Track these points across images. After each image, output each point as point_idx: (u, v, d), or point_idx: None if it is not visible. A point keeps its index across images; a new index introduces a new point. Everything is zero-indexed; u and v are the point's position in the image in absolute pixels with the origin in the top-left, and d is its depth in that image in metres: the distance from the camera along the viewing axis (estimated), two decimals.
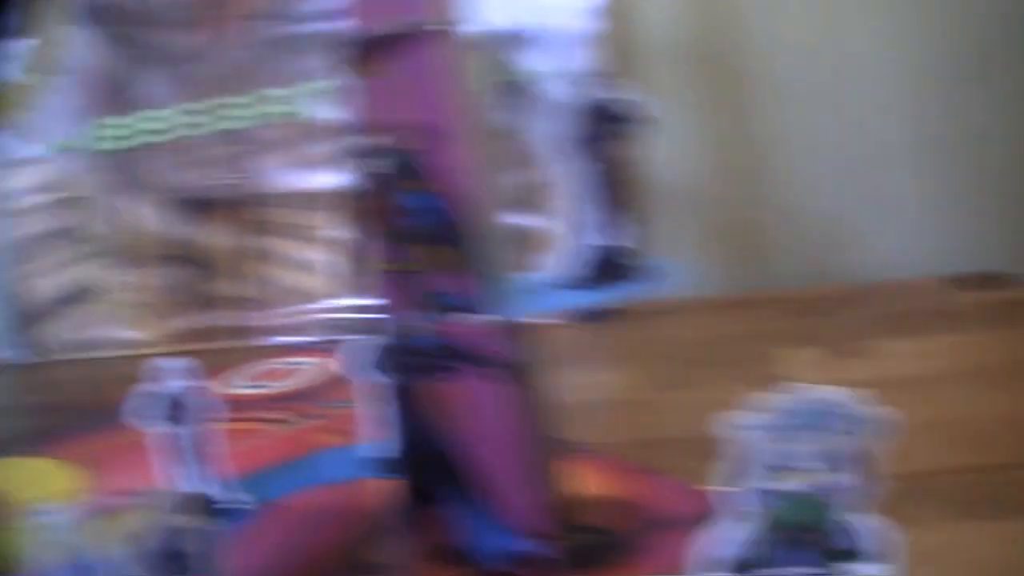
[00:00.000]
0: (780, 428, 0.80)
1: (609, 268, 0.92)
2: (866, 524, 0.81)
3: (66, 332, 1.86)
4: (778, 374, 0.95)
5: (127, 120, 1.86)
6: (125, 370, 1.62)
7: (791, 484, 0.82)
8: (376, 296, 0.92)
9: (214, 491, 1.03)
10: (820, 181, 1.71)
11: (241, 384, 1.59)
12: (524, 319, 0.91)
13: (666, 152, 1.58)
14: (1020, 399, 1.11)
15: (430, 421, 0.92)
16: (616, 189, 0.92)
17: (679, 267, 0.91)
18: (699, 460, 1.14)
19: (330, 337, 1.75)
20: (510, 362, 0.87)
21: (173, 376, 1.06)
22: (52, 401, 1.65)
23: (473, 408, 0.91)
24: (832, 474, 0.81)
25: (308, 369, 1.62)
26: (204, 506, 0.77)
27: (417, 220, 0.88)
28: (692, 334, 1.54)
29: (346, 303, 1.77)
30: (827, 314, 1.54)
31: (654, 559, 0.92)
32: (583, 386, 1.41)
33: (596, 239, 0.92)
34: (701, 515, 0.99)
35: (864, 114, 1.70)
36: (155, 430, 1.06)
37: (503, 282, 0.88)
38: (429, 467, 0.96)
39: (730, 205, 1.75)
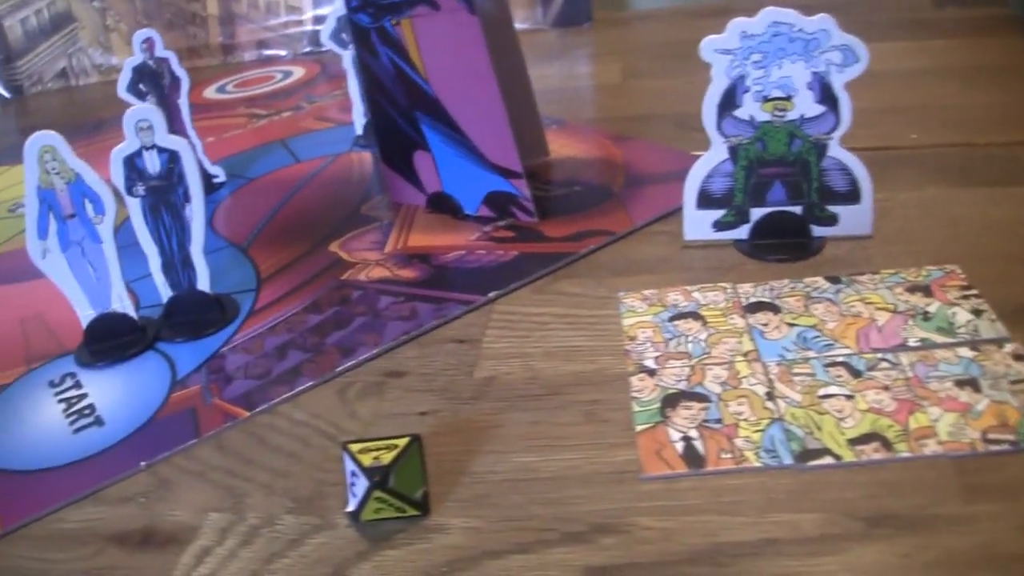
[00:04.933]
0: (754, 52, 0.81)
1: None
2: (839, 161, 0.84)
3: (47, 63, 1.84)
4: None
5: None
6: (108, 92, 1.63)
7: (766, 114, 0.83)
8: None
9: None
10: None
11: (225, 91, 1.59)
12: None
13: None
14: (994, 93, 1.14)
15: (401, 67, 0.93)
16: None
17: None
18: (680, 130, 1.18)
19: (313, 48, 1.74)
20: None
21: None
22: (37, 124, 1.65)
23: (442, 39, 0.91)
24: (807, 105, 0.83)
25: (291, 74, 1.62)
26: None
27: None
28: (671, 36, 1.54)
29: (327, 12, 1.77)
30: None
31: (636, 206, 0.93)
32: (565, 76, 1.42)
33: None
34: (682, 170, 1.03)
35: None
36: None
37: None
38: (401, 120, 0.97)
39: None
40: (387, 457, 0.59)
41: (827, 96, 0.80)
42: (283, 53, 1.73)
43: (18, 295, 0.98)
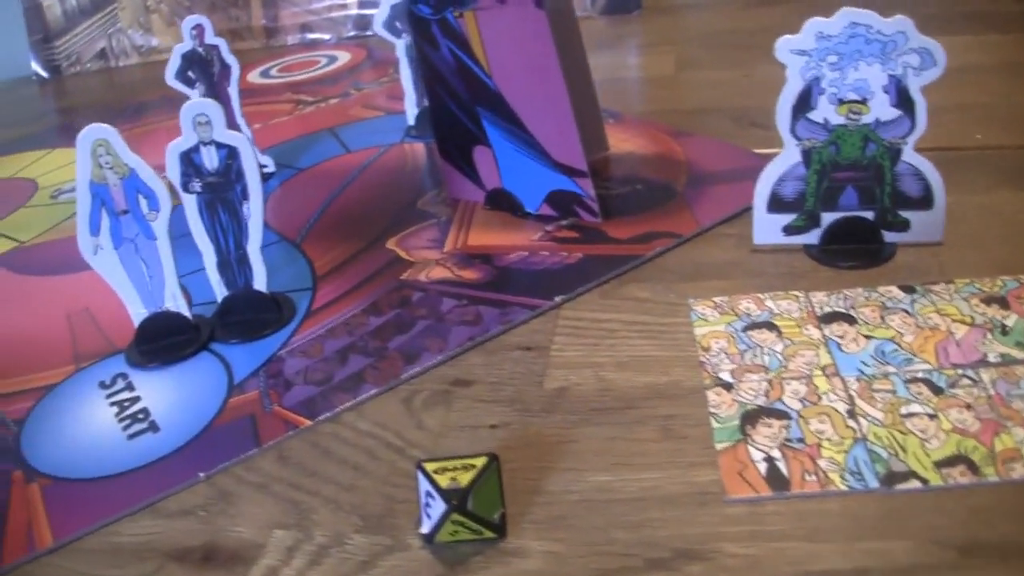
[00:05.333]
0: (830, 54, 0.78)
1: None
2: (912, 166, 0.81)
3: (86, 43, 1.83)
4: None
5: None
6: (147, 75, 1.62)
7: (841, 118, 0.81)
8: None
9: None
10: None
11: (269, 75, 1.57)
12: None
13: None
14: None
15: (463, 60, 0.90)
16: None
17: None
18: (739, 126, 1.15)
19: (358, 32, 1.72)
20: None
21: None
22: (75, 105, 1.64)
23: (507, 33, 0.89)
24: (882, 108, 0.80)
25: (336, 60, 1.60)
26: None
27: None
28: (724, 25, 1.52)
29: None
30: None
31: (701, 206, 0.91)
32: (617, 66, 1.40)
33: None
34: (745, 168, 1.00)
35: None
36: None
37: None
38: (462, 114, 0.94)
39: None
40: (464, 478, 0.57)
41: (903, 100, 0.77)
42: (327, 37, 1.71)
43: (63, 287, 0.97)
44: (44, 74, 1.79)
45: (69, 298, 0.94)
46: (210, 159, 0.77)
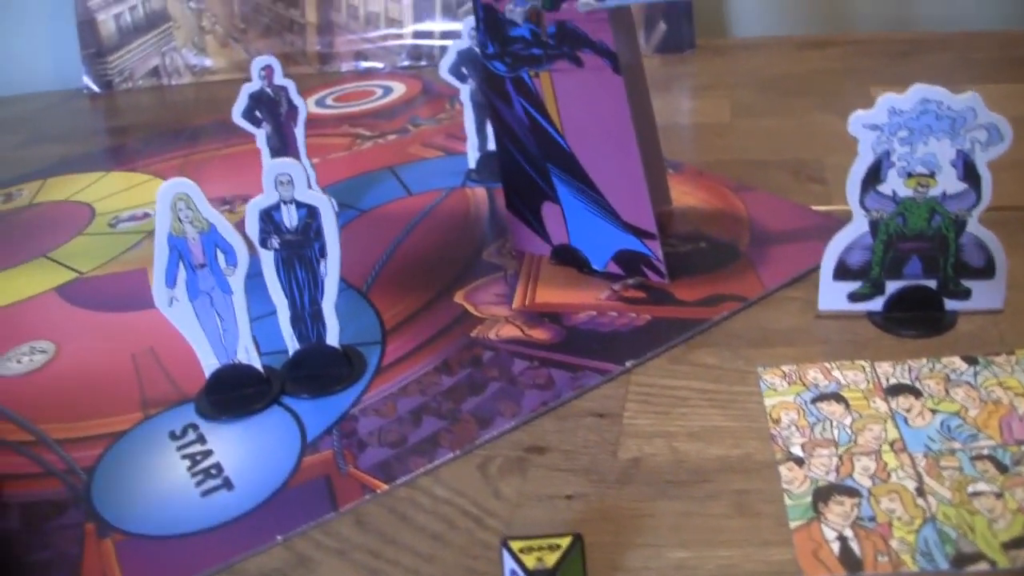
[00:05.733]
0: (901, 128, 0.79)
1: None
2: (976, 237, 0.82)
3: (139, 60, 1.84)
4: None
5: None
6: (200, 95, 1.63)
7: (909, 190, 0.82)
8: None
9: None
10: None
11: (324, 104, 1.58)
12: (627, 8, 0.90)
13: None
14: None
15: (536, 119, 0.91)
16: None
17: None
18: (797, 180, 1.16)
19: (412, 62, 1.73)
20: (614, 52, 0.86)
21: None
22: (128, 124, 1.66)
23: (582, 95, 0.89)
24: (949, 182, 0.81)
25: (392, 91, 1.61)
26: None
27: None
28: (777, 68, 1.52)
29: (427, 27, 1.76)
30: (907, 57, 1.52)
31: (765, 268, 0.92)
32: (673, 110, 1.40)
33: None
34: (806, 228, 1.01)
35: None
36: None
37: None
38: (532, 171, 0.96)
39: None
40: (550, 559, 0.58)
41: (969, 173, 0.78)
42: (380, 66, 1.72)
43: (126, 325, 0.98)
44: (96, 88, 1.81)
45: (133, 337, 0.95)
46: (290, 217, 0.78)
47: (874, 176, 0.79)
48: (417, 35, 1.74)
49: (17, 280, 1.09)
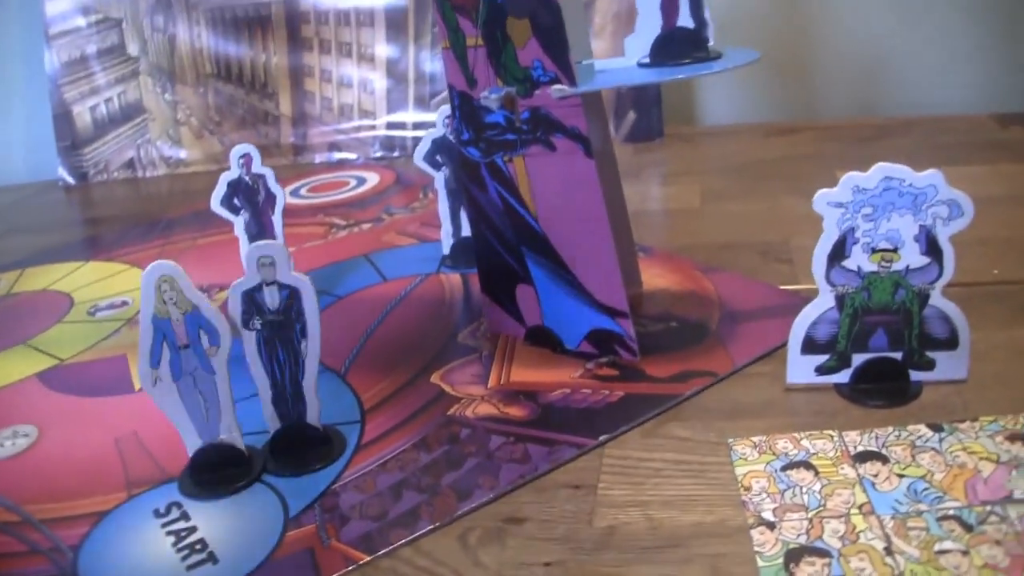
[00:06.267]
0: (865, 206, 0.82)
1: (674, 47, 0.93)
2: (939, 309, 0.85)
3: (114, 152, 1.87)
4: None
5: None
6: (174, 187, 1.65)
7: (873, 265, 0.84)
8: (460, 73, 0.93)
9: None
10: (865, 15, 1.71)
11: (299, 194, 1.61)
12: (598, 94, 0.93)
13: None
14: None
15: (510, 203, 0.94)
16: None
17: (737, 52, 0.92)
18: (764, 261, 1.19)
19: (385, 153, 1.76)
20: (587, 136, 0.88)
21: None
22: (104, 215, 1.68)
23: (555, 179, 0.92)
24: (912, 256, 0.84)
25: (366, 182, 1.64)
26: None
27: None
28: (746, 154, 1.56)
29: (399, 119, 1.79)
30: (873, 141, 1.56)
31: (735, 345, 0.96)
32: (643, 197, 1.44)
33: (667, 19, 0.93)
34: (774, 307, 1.04)
35: None
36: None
37: (582, 59, 0.89)
38: (506, 254, 0.99)
39: (781, 36, 1.75)
40: None
41: (932, 248, 0.81)
42: (354, 157, 1.75)
43: (108, 410, 0.99)
44: (71, 180, 1.83)
45: (115, 420, 0.96)
46: (272, 299, 0.80)
47: (839, 252, 0.81)
48: (390, 126, 1.77)
49: None
